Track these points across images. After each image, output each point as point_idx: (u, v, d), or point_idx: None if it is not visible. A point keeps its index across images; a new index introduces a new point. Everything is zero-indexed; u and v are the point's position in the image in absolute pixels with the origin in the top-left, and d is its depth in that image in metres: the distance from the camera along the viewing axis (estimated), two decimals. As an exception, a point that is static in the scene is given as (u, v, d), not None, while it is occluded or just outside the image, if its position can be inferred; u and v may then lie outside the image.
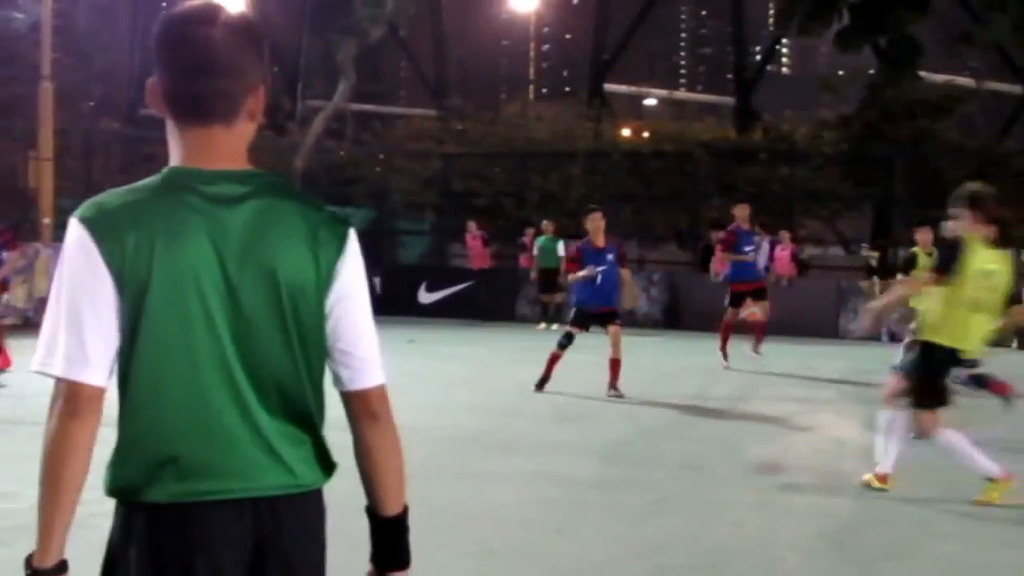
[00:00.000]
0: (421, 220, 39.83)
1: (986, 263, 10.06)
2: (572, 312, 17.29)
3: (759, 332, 21.64)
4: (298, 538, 3.15)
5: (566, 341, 16.71)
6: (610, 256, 16.97)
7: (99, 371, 3.01)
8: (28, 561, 3.15)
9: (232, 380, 3.06)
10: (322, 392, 3.20)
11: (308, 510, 3.19)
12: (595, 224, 17.19)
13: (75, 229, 3.02)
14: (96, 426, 3.04)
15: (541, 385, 16.69)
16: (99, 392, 3.02)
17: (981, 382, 13.41)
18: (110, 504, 3.14)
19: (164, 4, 53.69)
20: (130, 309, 3.00)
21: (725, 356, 20.69)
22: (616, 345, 16.51)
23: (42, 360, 3.04)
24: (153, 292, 2.99)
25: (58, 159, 29.70)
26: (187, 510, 3.04)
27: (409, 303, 32.15)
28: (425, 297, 32.93)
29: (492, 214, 36.30)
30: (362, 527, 3.37)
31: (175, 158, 3.16)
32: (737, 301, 21.09)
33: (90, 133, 30.43)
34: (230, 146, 3.16)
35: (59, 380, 3.02)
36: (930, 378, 10.27)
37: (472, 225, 33.68)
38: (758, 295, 21.37)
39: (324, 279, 3.14)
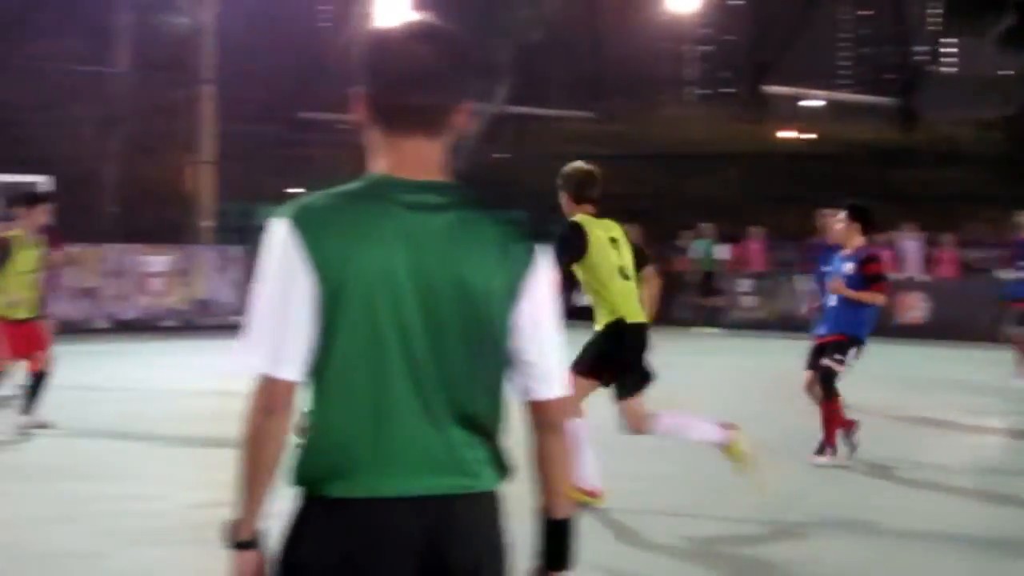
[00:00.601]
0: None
1: (608, 232, 9.83)
2: None
3: None
4: (473, 538, 3.21)
5: None
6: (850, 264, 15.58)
7: (294, 367, 3.14)
8: (227, 532, 3.26)
9: (417, 382, 3.15)
10: (503, 399, 3.28)
11: (484, 511, 3.25)
12: (836, 224, 16.63)
13: (279, 228, 3.15)
14: (290, 419, 3.19)
15: None
16: (293, 387, 3.16)
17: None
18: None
19: (321, 9, 54.58)
20: (327, 308, 3.12)
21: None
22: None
23: (242, 355, 3.18)
24: (348, 293, 3.11)
25: (218, 163, 30.39)
26: (363, 506, 3.13)
27: (564, 305, 32.05)
28: (581, 299, 32.80)
29: (649, 216, 36.19)
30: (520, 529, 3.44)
31: (377, 166, 3.26)
32: None
33: (250, 137, 30.92)
34: (431, 157, 3.26)
35: (256, 374, 3.16)
36: (636, 361, 9.77)
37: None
38: None
39: (513, 291, 3.24)
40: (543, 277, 3.32)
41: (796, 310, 25.04)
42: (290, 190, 37.89)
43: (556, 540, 3.41)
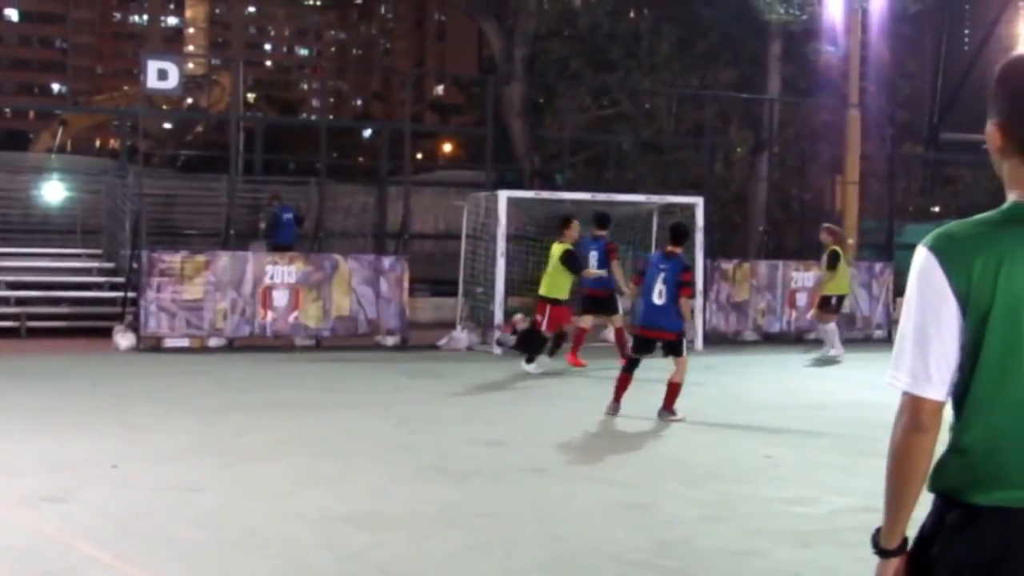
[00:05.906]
0: None
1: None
2: None
3: None
4: None
5: None
6: None
7: (939, 388, 3.25)
8: (875, 540, 3.42)
9: None
10: None
11: None
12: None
13: (923, 256, 3.26)
14: (935, 437, 3.28)
15: None
16: (939, 407, 3.27)
17: None
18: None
19: (968, 33, 53.74)
20: (972, 331, 3.21)
21: None
22: None
23: (891, 374, 3.33)
24: (993, 317, 3.18)
25: (862, 182, 30.85)
26: (1003, 515, 3.19)
27: None
28: None
29: None
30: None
31: (1014, 194, 3.30)
32: None
33: (892, 158, 31.33)
34: None
35: (904, 394, 3.29)
36: None
37: None
38: None
39: None
40: None
41: None
42: (932, 209, 37.71)
43: None
